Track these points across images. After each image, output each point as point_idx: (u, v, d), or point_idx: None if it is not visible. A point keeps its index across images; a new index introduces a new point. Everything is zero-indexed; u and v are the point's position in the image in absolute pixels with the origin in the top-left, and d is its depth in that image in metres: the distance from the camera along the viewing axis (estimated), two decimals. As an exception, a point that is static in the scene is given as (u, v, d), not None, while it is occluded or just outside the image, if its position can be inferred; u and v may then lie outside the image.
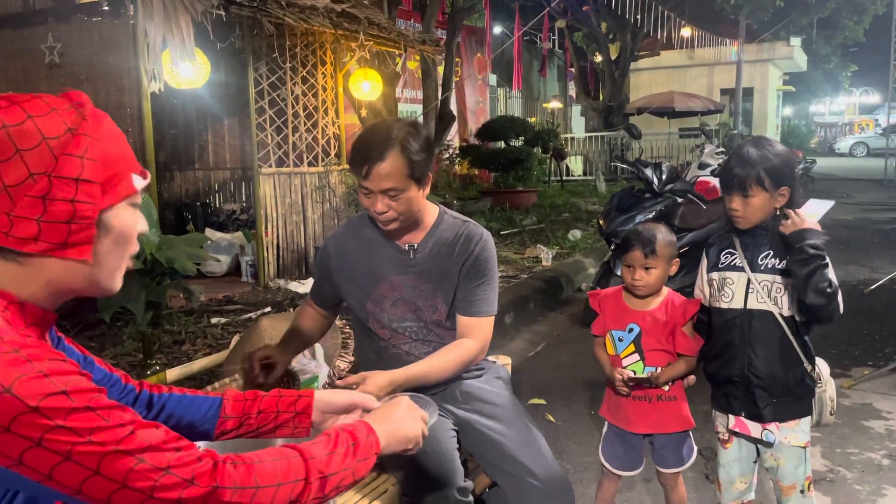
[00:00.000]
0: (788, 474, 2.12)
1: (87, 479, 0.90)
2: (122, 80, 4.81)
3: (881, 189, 15.23)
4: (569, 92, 22.22)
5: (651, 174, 5.25)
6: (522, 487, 2.00)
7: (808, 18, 18.26)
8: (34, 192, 0.94)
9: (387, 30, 5.99)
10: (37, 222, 0.95)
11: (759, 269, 2.06)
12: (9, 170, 0.93)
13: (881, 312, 5.52)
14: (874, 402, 3.78)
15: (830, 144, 35.85)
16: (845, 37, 20.92)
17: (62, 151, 0.96)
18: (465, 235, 2.05)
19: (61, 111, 0.98)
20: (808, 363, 2.08)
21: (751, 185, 1.99)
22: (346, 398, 1.43)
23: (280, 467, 1.04)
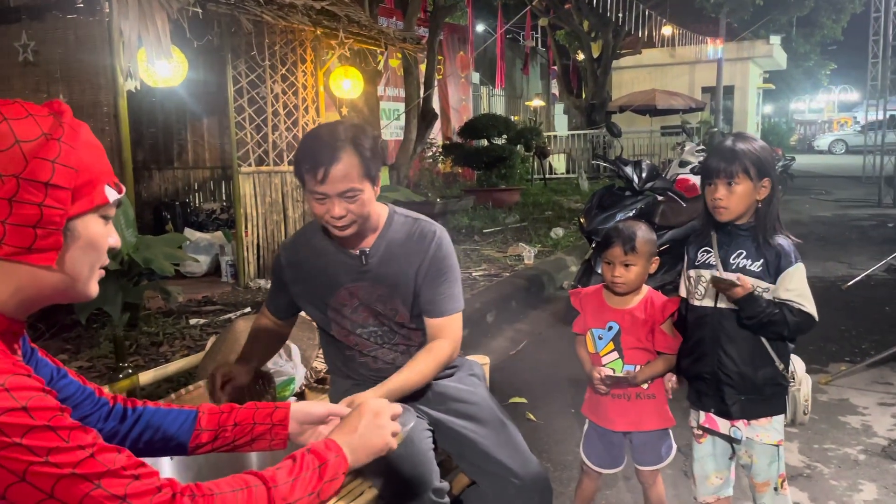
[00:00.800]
0: (762, 471, 2.14)
1: (41, 502, 0.88)
2: (98, 79, 4.74)
3: (859, 186, 15.40)
4: (552, 90, 22.28)
5: (631, 172, 5.26)
6: (501, 485, 1.99)
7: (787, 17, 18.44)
8: (1, 194, 0.93)
9: (367, 27, 5.96)
10: (2, 224, 0.93)
11: (731, 269, 2.07)
12: None
13: (858, 308, 5.59)
14: (851, 398, 3.82)
15: (810, 142, 36.21)
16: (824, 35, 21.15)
17: (34, 155, 0.94)
18: (418, 234, 2.00)
19: (39, 117, 0.97)
20: (780, 362, 2.09)
21: (737, 172, 2.00)
22: (323, 408, 1.42)
23: (241, 498, 1.02)
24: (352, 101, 7.35)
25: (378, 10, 9.23)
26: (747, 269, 2.05)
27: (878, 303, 5.76)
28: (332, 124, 1.89)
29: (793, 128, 39.05)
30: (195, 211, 7.68)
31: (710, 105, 19.80)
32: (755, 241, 2.05)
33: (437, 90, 13.55)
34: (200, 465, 1.74)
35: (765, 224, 2.04)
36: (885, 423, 3.49)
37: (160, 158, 7.91)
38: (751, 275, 2.04)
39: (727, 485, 2.26)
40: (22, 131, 0.95)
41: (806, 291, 2.02)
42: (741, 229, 2.07)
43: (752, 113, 24.64)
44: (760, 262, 2.03)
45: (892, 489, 2.85)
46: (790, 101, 41.63)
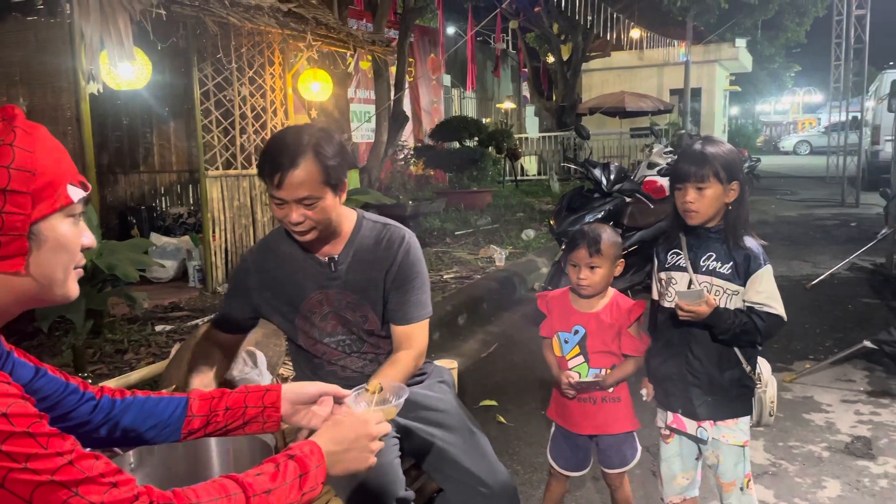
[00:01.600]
0: (728, 471, 2.16)
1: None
2: (59, 82, 4.65)
3: (823, 186, 15.71)
4: (523, 92, 22.38)
5: (600, 174, 5.31)
6: (468, 493, 1.98)
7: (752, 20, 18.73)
8: None
9: (335, 30, 5.92)
10: None
11: (701, 271, 2.09)
12: None
13: (822, 307, 5.69)
14: (815, 396, 3.88)
15: (776, 143, 36.87)
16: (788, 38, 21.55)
17: None
18: (387, 240, 1.98)
19: None
20: (747, 364, 2.11)
21: (707, 176, 2.02)
22: (316, 388, 1.42)
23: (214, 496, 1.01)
24: (321, 104, 7.30)
25: (347, 13, 9.19)
26: (717, 272, 2.07)
27: (841, 301, 5.88)
28: (299, 128, 1.85)
29: (759, 129, 39.74)
30: (162, 215, 7.56)
31: (678, 107, 20.02)
32: (725, 243, 2.07)
33: (409, 92, 13.53)
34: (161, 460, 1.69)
35: (734, 227, 2.06)
36: (848, 420, 3.56)
37: (125, 162, 7.78)
38: (721, 277, 2.07)
39: (693, 485, 2.28)
40: None
41: (774, 293, 2.04)
42: (711, 232, 2.09)
43: (720, 115, 24.97)
44: (730, 264, 2.06)
45: (855, 485, 2.90)
46: (756, 102, 42.33)
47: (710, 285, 2.08)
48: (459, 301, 5.49)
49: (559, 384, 2.28)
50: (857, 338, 4.24)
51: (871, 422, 3.52)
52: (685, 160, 2.10)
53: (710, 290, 2.08)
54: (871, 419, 3.56)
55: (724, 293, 2.08)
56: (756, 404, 2.16)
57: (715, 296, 2.08)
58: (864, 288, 6.36)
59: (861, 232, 9.10)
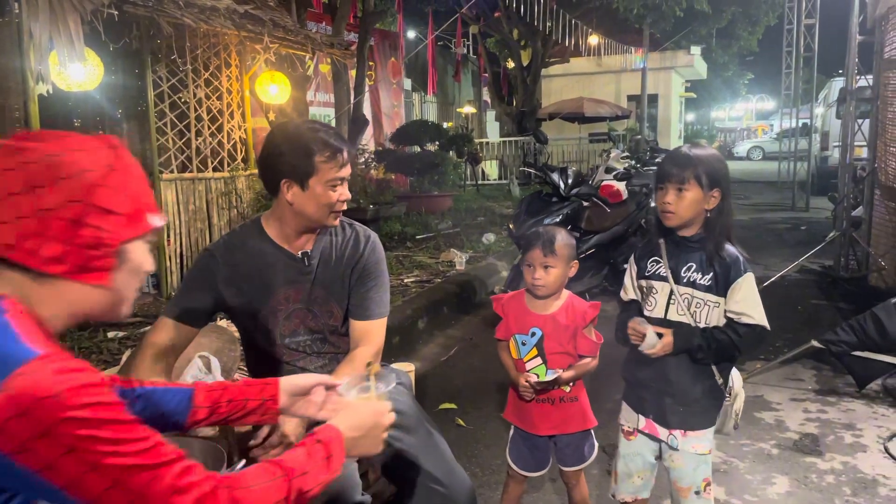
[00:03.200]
0: (686, 476, 2.16)
1: (107, 489, 0.95)
2: (7, 82, 4.51)
3: (775, 191, 16.13)
4: (483, 97, 22.50)
5: (558, 179, 5.37)
6: (426, 494, 1.99)
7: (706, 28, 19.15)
8: (67, 216, 1.01)
9: (293, 32, 5.88)
10: (64, 244, 1.02)
11: (682, 282, 2.08)
12: (47, 195, 1.01)
13: (773, 308, 5.73)
14: (765, 395, 3.98)
15: (730, 148, 37.72)
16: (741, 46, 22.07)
17: (97, 183, 1.04)
18: (354, 237, 2.06)
19: (97, 149, 1.07)
20: (720, 377, 2.13)
21: (688, 178, 2.01)
22: (311, 380, 1.53)
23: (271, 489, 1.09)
24: (279, 107, 7.23)
25: (306, 15, 9.13)
26: (697, 283, 2.06)
27: (791, 302, 6.04)
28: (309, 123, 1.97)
29: (714, 135, 40.61)
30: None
31: (635, 113, 20.38)
32: (704, 252, 2.06)
33: (369, 96, 13.48)
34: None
35: (714, 235, 2.04)
36: (797, 417, 3.66)
37: (77, 165, 7.57)
38: (700, 289, 2.05)
39: (646, 487, 2.30)
40: (85, 161, 1.04)
41: (754, 301, 2.03)
42: (690, 241, 2.08)
43: (676, 120, 25.47)
44: (710, 275, 2.04)
45: (803, 481, 2.99)
46: (711, 109, 43.31)
47: (691, 297, 2.07)
48: (420, 305, 5.49)
49: (517, 386, 2.30)
50: (806, 338, 4.36)
51: (818, 419, 3.63)
52: (669, 161, 2.09)
53: (691, 303, 2.07)
54: (818, 417, 3.66)
55: (704, 305, 2.06)
56: (721, 414, 2.18)
57: (696, 307, 2.07)
58: (812, 289, 6.55)
59: (810, 235, 9.36)
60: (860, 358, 3.80)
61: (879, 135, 6.30)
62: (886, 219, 6.15)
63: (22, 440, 0.91)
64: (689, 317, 2.06)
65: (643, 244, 2.26)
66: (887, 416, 3.64)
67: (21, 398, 0.90)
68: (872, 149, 6.61)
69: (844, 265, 6.94)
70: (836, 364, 4.14)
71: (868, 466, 3.10)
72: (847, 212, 6.98)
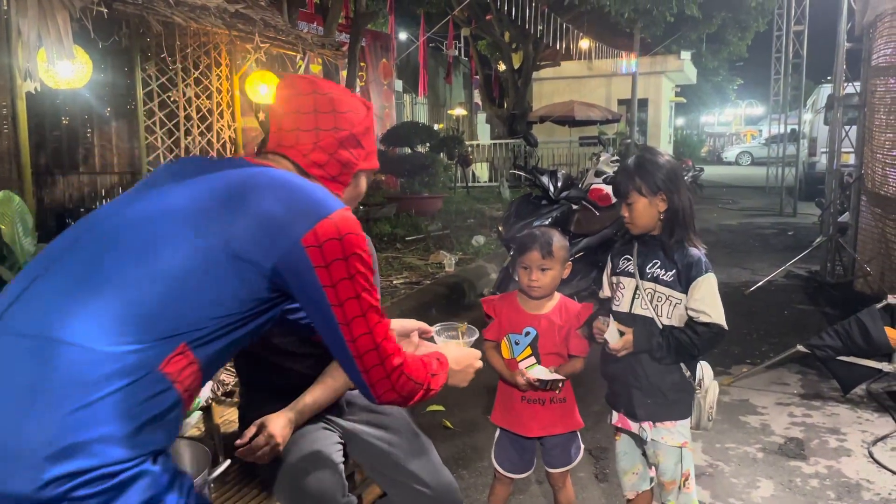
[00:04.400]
0: (668, 470, 2.23)
1: (356, 317, 1.24)
2: (-6, 79, 4.48)
3: (763, 196, 16.22)
4: (475, 99, 22.51)
5: (547, 181, 5.37)
6: (412, 496, 2.00)
7: (696, 34, 19.27)
8: (336, 137, 1.38)
9: (284, 32, 5.86)
10: (328, 156, 1.38)
11: (646, 277, 2.18)
12: (325, 119, 1.38)
13: (759, 312, 5.88)
14: (751, 398, 4.00)
15: (719, 153, 37.94)
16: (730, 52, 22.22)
17: (359, 122, 1.41)
18: None
19: (360, 102, 1.45)
20: (686, 369, 2.19)
21: (629, 191, 2.14)
22: (412, 325, 1.83)
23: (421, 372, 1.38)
24: (269, 107, 7.20)
25: (298, 15, 9.10)
26: (660, 279, 2.15)
27: (777, 307, 6.08)
28: None
29: (703, 139, 40.85)
30: (51, 243, 7.29)
31: (626, 117, 20.45)
32: (664, 250, 2.16)
33: (360, 97, 13.45)
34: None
35: (668, 235, 2.15)
36: (782, 422, 3.68)
37: (64, 163, 7.50)
38: (663, 284, 2.15)
39: (644, 480, 2.36)
40: (353, 105, 1.42)
41: (713, 301, 2.11)
42: (655, 240, 2.18)
43: (666, 125, 25.58)
44: (673, 272, 2.13)
45: (787, 485, 3.01)
46: (701, 114, 43.57)
47: (654, 291, 2.16)
48: (409, 307, 5.49)
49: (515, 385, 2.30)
50: (792, 342, 4.39)
51: (803, 423, 3.65)
52: (617, 175, 2.24)
53: (653, 297, 2.16)
54: (803, 421, 3.69)
55: (666, 300, 2.15)
56: (695, 408, 2.23)
57: (657, 301, 2.15)
58: (799, 294, 6.59)
59: (798, 240, 9.43)
60: (845, 363, 3.83)
61: (866, 141, 6.35)
62: (872, 225, 6.21)
63: (329, 259, 1.20)
64: (651, 310, 2.15)
65: (620, 243, 2.35)
66: (871, 420, 3.67)
67: (341, 227, 1.22)
68: (859, 155, 6.66)
69: (831, 270, 7.00)
70: (822, 369, 4.17)
71: (852, 471, 3.13)
72: (834, 217, 7.03)
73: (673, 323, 2.14)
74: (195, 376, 1.13)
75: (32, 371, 1.03)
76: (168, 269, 1.12)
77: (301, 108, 1.38)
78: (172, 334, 1.09)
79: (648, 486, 2.37)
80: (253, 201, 1.19)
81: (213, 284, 1.14)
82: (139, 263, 1.12)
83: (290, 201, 1.21)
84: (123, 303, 1.08)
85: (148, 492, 1.03)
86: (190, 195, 1.21)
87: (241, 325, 1.19)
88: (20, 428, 0.99)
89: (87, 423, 1.00)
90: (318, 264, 1.19)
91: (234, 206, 1.18)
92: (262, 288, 1.18)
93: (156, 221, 1.18)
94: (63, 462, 0.98)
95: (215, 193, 1.21)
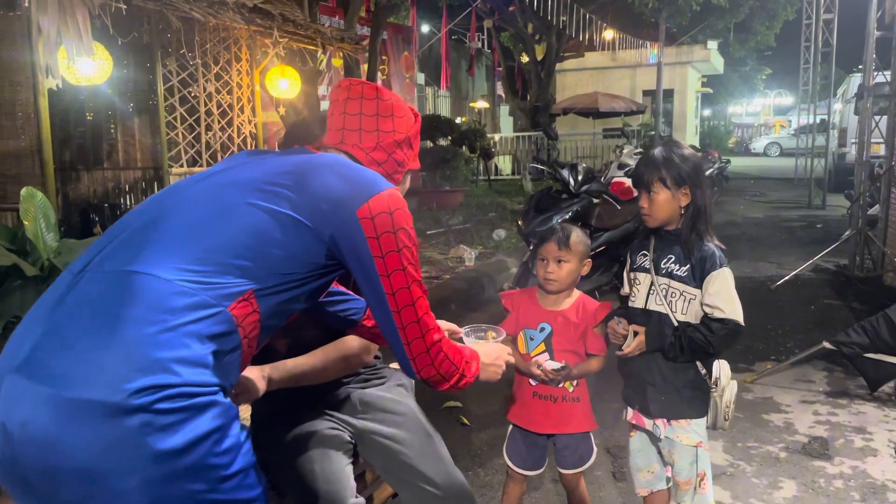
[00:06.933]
0: (683, 470, 2.19)
1: (401, 289, 1.34)
2: (17, 76, 4.54)
3: (791, 188, 15.94)
4: (497, 92, 22.37)
5: (567, 175, 5.32)
6: (423, 497, 1.97)
7: (723, 23, 18.90)
8: (395, 139, 1.54)
9: (303, 27, 5.85)
10: (387, 154, 1.53)
11: (661, 273, 2.15)
12: (386, 122, 1.53)
13: (785, 307, 5.76)
14: (775, 396, 3.92)
15: (747, 144, 37.34)
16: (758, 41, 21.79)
17: (412, 127, 1.57)
18: None
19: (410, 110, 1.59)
20: (702, 367, 2.15)
21: (653, 182, 2.10)
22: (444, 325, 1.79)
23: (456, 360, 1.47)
24: (290, 101, 7.22)
25: (319, 9, 9.10)
26: (675, 274, 2.12)
27: (803, 302, 5.96)
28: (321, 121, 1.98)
29: (731, 131, 40.24)
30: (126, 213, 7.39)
31: (650, 108, 20.20)
32: (681, 245, 2.12)
33: (381, 90, 13.43)
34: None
35: (689, 230, 2.11)
36: (807, 420, 3.60)
37: (88, 159, 7.61)
38: (677, 279, 2.12)
39: (659, 479, 2.32)
40: (408, 113, 1.58)
41: (729, 296, 2.06)
42: (672, 234, 2.15)
43: (692, 116, 25.23)
44: (687, 267, 2.10)
45: (811, 486, 2.94)
46: (728, 104, 42.88)
47: (668, 286, 2.13)
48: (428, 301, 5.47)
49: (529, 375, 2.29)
50: (818, 338, 4.29)
51: (828, 422, 3.57)
52: (639, 166, 2.19)
53: (668, 292, 2.13)
54: (828, 420, 3.60)
55: (680, 296, 2.12)
56: (711, 407, 2.19)
57: (672, 297, 2.11)
58: (826, 289, 6.45)
59: (826, 234, 9.24)
60: (872, 360, 3.74)
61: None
62: (903, 218, 6.05)
63: (380, 231, 1.31)
64: (665, 306, 2.12)
65: (639, 239, 2.32)
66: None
67: (391, 203, 1.33)
68: (890, 146, 6.50)
69: (859, 265, 6.84)
70: (848, 366, 4.07)
71: (878, 471, 3.05)
72: (863, 210, 6.87)
73: (688, 319, 2.11)
74: (255, 326, 1.25)
75: (119, 295, 1.15)
76: (242, 224, 1.26)
77: (366, 111, 1.53)
78: (241, 281, 1.22)
79: (665, 485, 2.33)
80: (318, 176, 1.34)
81: (281, 244, 1.27)
82: (216, 219, 1.26)
83: (349, 178, 1.36)
84: (200, 248, 1.22)
85: (219, 419, 1.13)
86: (261, 170, 1.36)
87: (300, 286, 1.31)
88: (109, 343, 1.10)
89: (171, 344, 1.11)
90: (371, 235, 1.31)
91: (301, 179, 1.33)
92: (321, 254, 1.31)
93: (232, 187, 1.32)
94: (149, 375, 1.08)
95: (284, 168, 1.36)
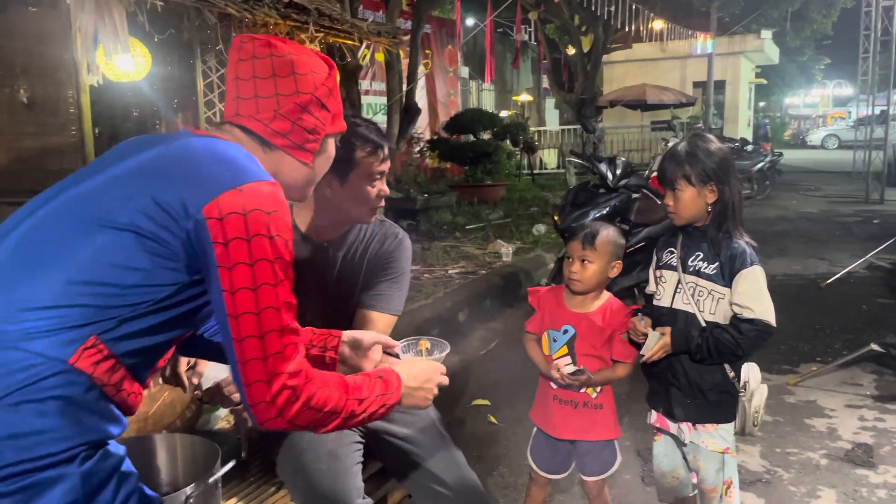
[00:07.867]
0: (709, 477, 2.12)
1: (246, 314, 1.09)
2: (59, 74, 4.63)
3: (849, 181, 15.35)
4: (543, 84, 22.13)
5: (605, 169, 5.19)
6: (434, 498, 1.95)
7: (778, 11, 18.34)
8: (298, 101, 1.27)
9: (339, 21, 5.85)
10: (291, 123, 1.28)
11: (689, 271, 2.07)
12: (285, 83, 1.27)
13: (835, 306, 5.52)
14: (818, 400, 3.75)
15: (803, 137, 36.15)
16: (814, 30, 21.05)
17: (321, 84, 1.29)
18: (381, 234, 2.03)
19: (320, 61, 1.32)
20: (730, 370, 2.06)
21: (677, 179, 2.03)
22: (371, 338, 1.68)
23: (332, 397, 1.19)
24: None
25: (361, 3, 9.10)
26: (702, 272, 2.05)
27: (855, 301, 5.70)
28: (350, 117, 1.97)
29: (786, 122, 39.01)
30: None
31: (701, 100, 19.71)
32: (709, 242, 2.04)
33: (425, 84, 13.42)
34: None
35: (716, 228, 2.03)
36: (851, 425, 3.43)
37: (136, 154, 7.79)
38: (705, 277, 2.04)
39: (685, 486, 2.24)
40: (314, 66, 1.30)
41: (759, 295, 1.98)
42: (699, 231, 2.07)
43: (744, 108, 24.50)
44: (716, 264, 2.03)
45: (852, 496, 2.79)
46: (784, 95, 41.54)
47: (696, 285, 2.06)
48: (461, 297, 5.42)
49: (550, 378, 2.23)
50: (868, 339, 4.10)
51: (874, 428, 3.40)
52: (664, 162, 2.10)
53: (695, 291, 2.05)
54: (875, 425, 3.43)
55: (708, 294, 2.04)
56: (739, 412, 2.10)
57: (699, 295, 2.02)
58: (880, 287, 6.17)
59: (883, 230, 8.85)
60: (925, 364, 3.55)
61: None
62: (965, 213, 5.74)
63: (229, 236, 1.08)
64: (693, 305, 2.04)
65: (666, 236, 2.24)
66: (953, 427, 3.38)
67: (249, 201, 1.10)
68: (952, 138, 6.17)
69: (918, 262, 6.53)
70: (899, 369, 3.88)
71: (926, 482, 2.88)
72: (922, 205, 6.55)
73: (717, 319, 2.02)
74: (115, 368, 1.08)
75: None
76: (77, 257, 1.07)
77: (259, 73, 1.27)
78: (80, 327, 1.04)
79: (691, 492, 2.25)
80: (165, 177, 1.12)
81: (127, 267, 1.07)
82: (48, 254, 1.08)
83: (203, 170, 1.13)
84: (28, 290, 1.05)
85: (72, 494, 0.99)
86: (104, 179, 1.15)
87: (163, 310, 1.12)
88: None
89: None
90: (217, 240, 1.08)
91: (149, 183, 1.12)
92: (180, 269, 1.11)
93: (73, 208, 1.13)
94: None
95: (133, 173, 1.15)
